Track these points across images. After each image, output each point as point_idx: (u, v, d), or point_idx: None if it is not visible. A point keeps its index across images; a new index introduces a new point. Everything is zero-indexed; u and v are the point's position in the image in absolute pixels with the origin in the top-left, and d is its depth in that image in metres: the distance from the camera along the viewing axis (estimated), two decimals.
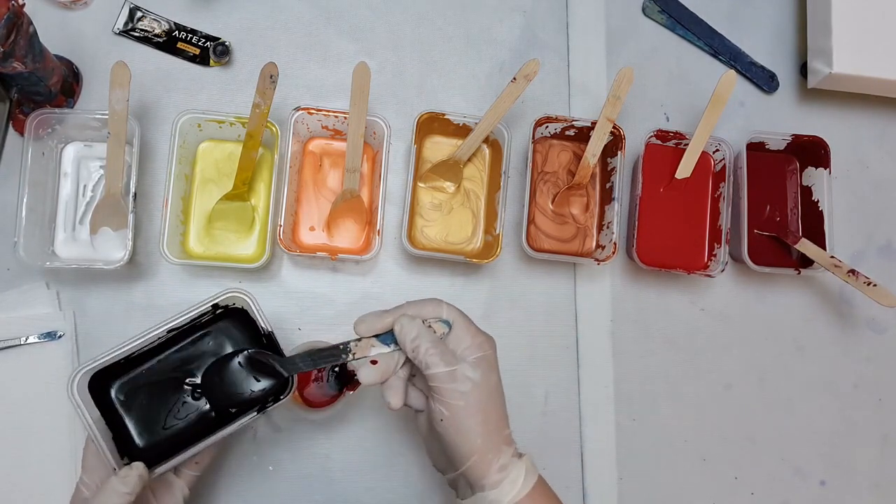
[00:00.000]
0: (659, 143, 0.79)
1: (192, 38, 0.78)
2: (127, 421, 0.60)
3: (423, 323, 0.53)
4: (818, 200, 0.79)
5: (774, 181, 0.82)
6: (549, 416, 0.76)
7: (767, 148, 0.81)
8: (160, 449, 0.59)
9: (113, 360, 0.58)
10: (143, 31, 0.78)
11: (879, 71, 0.78)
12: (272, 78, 0.65)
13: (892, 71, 0.78)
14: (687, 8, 0.85)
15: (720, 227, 0.77)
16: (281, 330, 0.74)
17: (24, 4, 0.62)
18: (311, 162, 0.76)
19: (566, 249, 0.78)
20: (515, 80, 0.70)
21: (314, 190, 0.76)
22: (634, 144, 0.80)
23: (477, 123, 0.73)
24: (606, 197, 0.77)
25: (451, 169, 0.76)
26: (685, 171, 0.77)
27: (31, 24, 0.64)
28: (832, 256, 0.75)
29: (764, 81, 0.85)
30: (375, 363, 0.54)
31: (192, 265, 0.74)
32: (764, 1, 0.87)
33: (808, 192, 0.81)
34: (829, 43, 0.78)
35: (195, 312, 0.60)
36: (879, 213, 0.85)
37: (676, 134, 0.77)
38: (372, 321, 0.54)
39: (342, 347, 0.54)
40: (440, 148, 0.78)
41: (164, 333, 0.60)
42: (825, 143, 0.78)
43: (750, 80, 0.85)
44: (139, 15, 0.78)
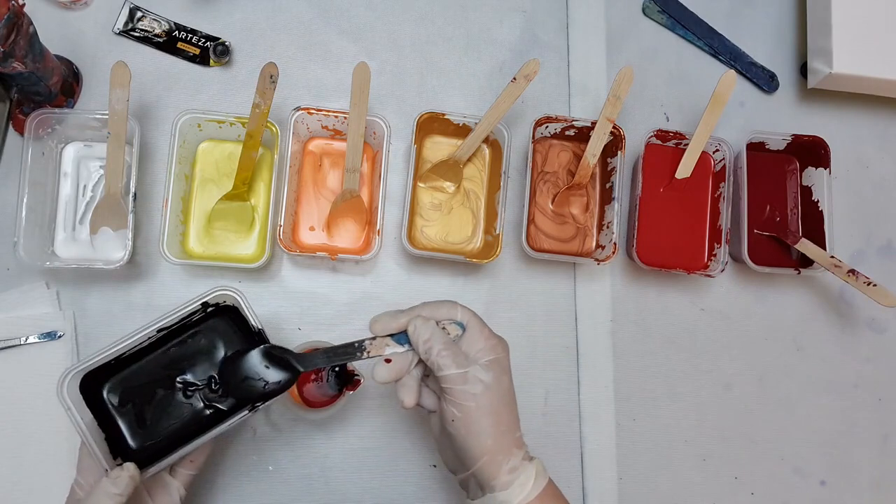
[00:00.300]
0: (659, 143, 0.79)
1: (192, 38, 0.78)
2: (119, 421, 0.60)
3: (436, 324, 0.54)
4: (818, 200, 0.79)
5: (774, 181, 0.82)
6: (549, 416, 0.76)
7: (767, 148, 0.81)
8: (154, 449, 0.59)
9: (104, 360, 0.58)
10: (143, 31, 0.78)
11: (879, 71, 0.78)
12: (272, 78, 0.65)
13: (892, 71, 0.78)
14: (687, 8, 0.85)
15: (720, 227, 0.77)
16: (281, 330, 0.75)
17: (24, 4, 0.62)
18: (311, 162, 0.76)
19: (566, 249, 0.78)
20: (515, 80, 0.70)
21: (314, 190, 0.76)
22: (634, 144, 0.80)
23: (477, 123, 0.73)
24: (606, 197, 0.77)
25: (451, 169, 0.76)
26: (685, 171, 0.77)
27: (31, 24, 0.64)
28: (832, 256, 0.75)
29: (764, 81, 0.85)
30: (389, 362, 0.54)
31: (191, 265, 0.74)
32: (764, 1, 0.87)
33: (808, 192, 0.81)
34: (829, 43, 0.78)
35: (185, 311, 0.60)
36: (879, 213, 0.85)
37: (676, 134, 0.77)
38: (387, 321, 0.55)
39: (357, 346, 0.55)
40: (440, 148, 0.78)
41: (154, 333, 0.60)
42: (825, 143, 0.78)
43: (750, 80, 0.85)
44: (139, 15, 0.78)
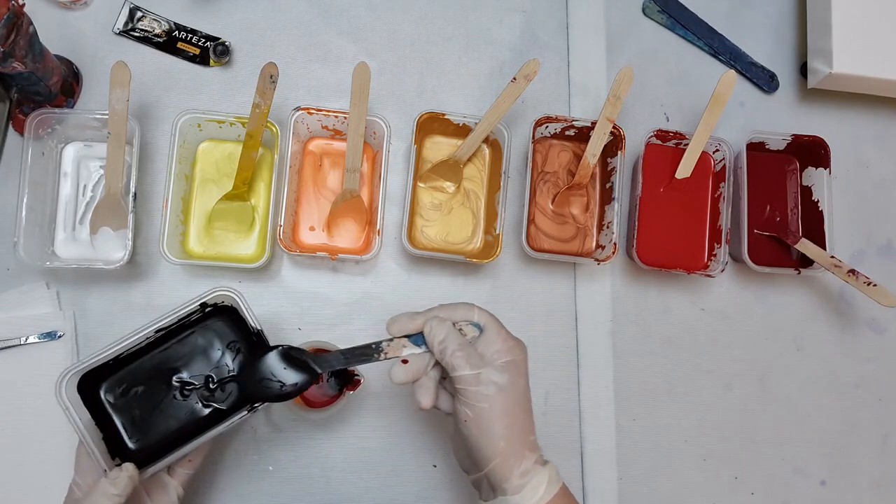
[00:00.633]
0: (659, 143, 0.79)
1: (192, 38, 0.78)
2: (118, 421, 0.60)
3: (453, 326, 0.54)
4: (818, 200, 0.79)
5: (774, 181, 0.82)
6: (549, 416, 0.76)
7: (767, 148, 0.81)
8: (152, 449, 0.59)
9: (102, 360, 0.58)
10: (143, 31, 0.78)
11: (879, 71, 0.78)
12: (272, 78, 0.65)
13: (892, 71, 0.78)
14: (687, 8, 0.85)
15: (720, 227, 0.77)
16: (281, 330, 0.75)
17: (24, 4, 0.62)
18: (311, 162, 0.76)
19: (566, 249, 0.78)
20: (515, 80, 0.70)
21: (314, 190, 0.76)
22: (634, 144, 0.80)
23: (477, 123, 0.73)
24: (606, 197, 0.77)
25: (451, 169, 0.76)
26: (685, 171, 0.77)
27: (31, 24, 0.64)
28: (832, 256, 0.75)
29: (764, 81, 0.85)
30: (406, 363, 0.55)
31: (192, 265, 0.74)
32: (764, 1, 0.87)
33: (808, 192, 0.81)
34: (829, 43, 0.78)
35: (183, 312, 0.60)
36: (879, 213, 0.85)
37: (676, 134, 0.77)
38: (404, 322, 0.55)
39: (375, 347, 0.55)
40: (440, 148, 0.78)
41: (152, 333, 0.60)
42: (825, 143, 0.78)
43: (750, 80, 0.85)
44: (139, 15, 0.78)
